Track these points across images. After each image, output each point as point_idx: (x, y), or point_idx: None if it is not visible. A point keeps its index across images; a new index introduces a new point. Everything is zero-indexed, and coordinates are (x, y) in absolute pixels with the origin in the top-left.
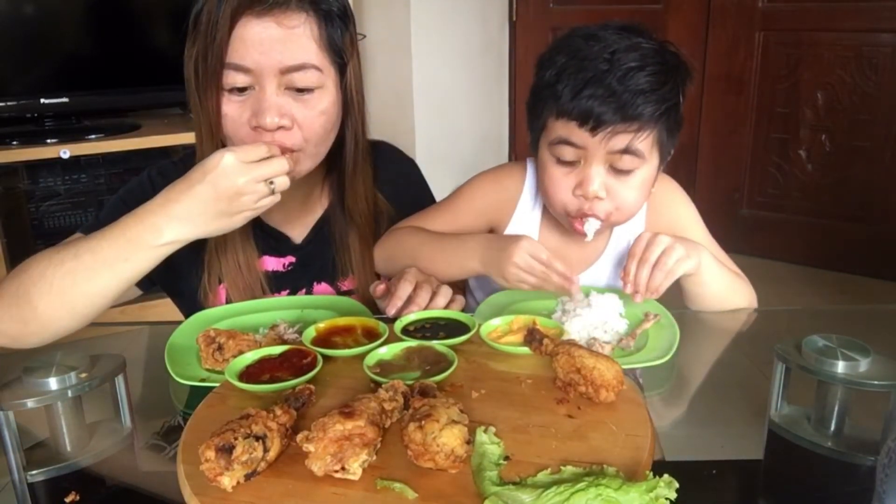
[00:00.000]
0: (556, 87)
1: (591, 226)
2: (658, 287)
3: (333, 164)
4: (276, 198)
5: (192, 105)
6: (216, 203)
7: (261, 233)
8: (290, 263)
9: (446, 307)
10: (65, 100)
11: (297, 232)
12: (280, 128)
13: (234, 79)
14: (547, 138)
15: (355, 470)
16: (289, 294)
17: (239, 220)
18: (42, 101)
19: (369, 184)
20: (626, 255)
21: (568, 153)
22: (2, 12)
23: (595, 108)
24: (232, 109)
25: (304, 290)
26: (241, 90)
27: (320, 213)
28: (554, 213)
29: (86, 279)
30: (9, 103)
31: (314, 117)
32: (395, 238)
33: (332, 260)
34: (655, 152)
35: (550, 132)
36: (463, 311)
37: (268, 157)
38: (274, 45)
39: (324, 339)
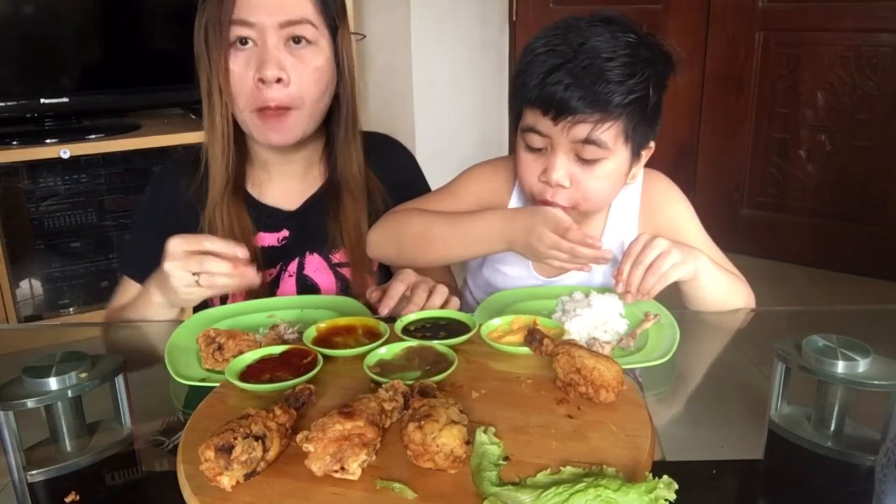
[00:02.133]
0: (526, 73)
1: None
2: (650, 290)
3: (330, 140)
4: (204, 292)
5: (201, 67)
6: (164, 279)
7: (254, 211)
8: (284, 238)
9: (442, 306)
10: (65, 100)
11: (291, 203)
12: (278, 80)
13: (239, 31)
14: (521, 126)
15: (354, 470)
16: (281, 267)
17: (176, 299)
18: (42, 101)
19: (361, 155)
20: (622, 254)
21: (536, 141)
22: (2, 12)
23: (557, 95)
24: (238, 65)
25: (296, 261)
26: (244, 42)
27: (316, 187)
28: (527, 199)
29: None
30: (9, 103)
31: (309, 73)
32: (398, 219)
33: (324, 231)
34: (622, 144)
35: (523, 120)
36: (460, 310)
37: (208, 252)
38: (275, 2)
39: (325, 339)
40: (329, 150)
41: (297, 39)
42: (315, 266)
